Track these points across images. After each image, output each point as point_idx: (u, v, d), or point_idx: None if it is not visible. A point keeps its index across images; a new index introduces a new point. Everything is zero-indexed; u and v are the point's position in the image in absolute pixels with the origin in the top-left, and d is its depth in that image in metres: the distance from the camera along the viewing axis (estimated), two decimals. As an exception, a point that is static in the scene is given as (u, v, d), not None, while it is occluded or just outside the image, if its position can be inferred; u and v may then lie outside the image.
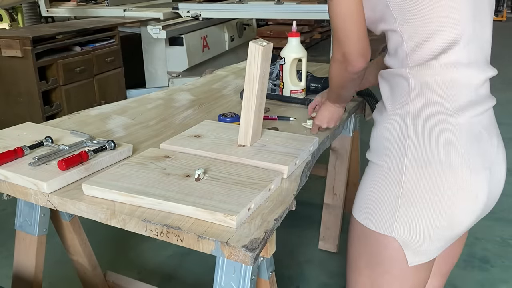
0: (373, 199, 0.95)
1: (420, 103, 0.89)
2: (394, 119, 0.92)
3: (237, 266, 0.92)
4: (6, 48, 2.91)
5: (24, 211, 1.33)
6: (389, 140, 0.93)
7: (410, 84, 0.90)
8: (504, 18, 10.78)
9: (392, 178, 0.91)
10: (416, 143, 0.89)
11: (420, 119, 0.89)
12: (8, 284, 1.49)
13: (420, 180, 0.89)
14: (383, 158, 0.94)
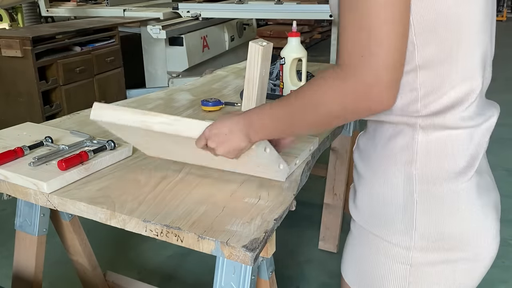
0: (375, 274, 0.82)
1: (430, 164, 0.74)
2: (396, 184, 0.77)
3: (237, 266, 0.92)
4: (6, 48, 2.91)
5: (24, 211, 1.33)
6: (391, 209, 0.78)
7: (416, 138, 0.74)
8: (504, 18, 10.78)
9: (398, 254, 0.78)
10: (427, 214, 0.76)
11: (430, 184, 0.75)
12: (8, 284, 1.49)
13: (432, 255, 0.77)
14: (383, 229, 0.79)
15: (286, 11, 3.89)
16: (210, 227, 0.87)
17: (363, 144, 0.86)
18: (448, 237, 0.77)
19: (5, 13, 4.87)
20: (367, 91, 0.65)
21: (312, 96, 0.71)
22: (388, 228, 0.79)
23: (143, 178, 1.06)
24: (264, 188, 1.02)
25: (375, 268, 0.82)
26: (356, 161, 0.87)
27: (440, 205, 0.76)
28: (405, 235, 0.77)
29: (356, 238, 0.86)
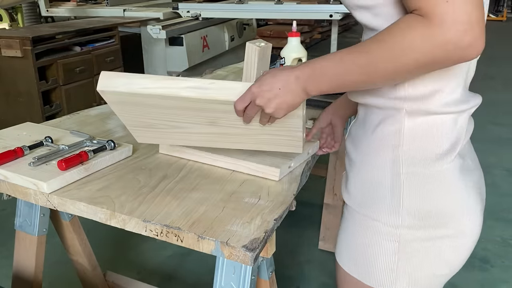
0: (366, 253, 0.86)
1: (415, 147, 0.78)
2: (383, 166, 0.81)
3: (237, 266, 0.92)
4: (6, 48, 2.91)
5: (24, 211, 1.33)
6: (379, 190, 0.82)
7: (403, 122, 0.78)
8: (504, 18, 10.78)
9: (387, 233, 0.83)
10: (413, 195, 0.80)
11: (416, 166, 0.79)
12: (8, 284, 1.49)
13: (419, 232, 0.82)
14: (373, 210, 0.83)
15: (286, 11, 3.89)
16: (210, 227, 0.87)
17: (354, 131, 0.89)
18: (433, 214, 0.81)
19: (5, 13, 4.87)
20: (460, 39, 0.61)
21: (397, 43, 0.65)
22: (377, 208, 0.83)
23: (143, 178, 1.06)
24: (264, 188, 1.02)
25: (366, 247, 0.86)
26: (348, 148, 0.90)
27: (425, 185, 0.80)
28: (393, 213, 0.81)
29: (348, 221, 0.90)
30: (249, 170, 1.07)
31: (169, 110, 0.92)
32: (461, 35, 0.61)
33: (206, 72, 2.22)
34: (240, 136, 0.99)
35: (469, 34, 0.61)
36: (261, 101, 0.80)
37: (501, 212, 2.52)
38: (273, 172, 1.06)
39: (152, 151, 1.21)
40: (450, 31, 0.61)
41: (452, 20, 0.61)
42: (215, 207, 0.94)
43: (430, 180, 0.80)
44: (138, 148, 1.23)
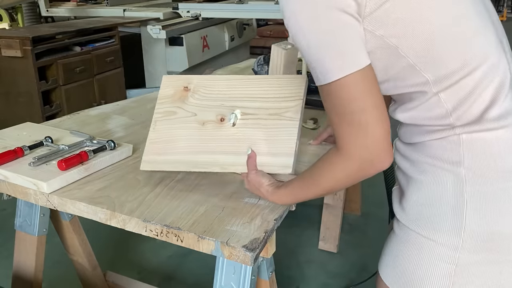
0: (418, 274, 0.82)
1: (478, 164, 0.75)
2: (445, 184, 0.77)
3: (237, 266, 0.92)
4: (6, 48, 2.91)
5: (24, 211, 1.33)
6: (440, 209, 0.78)
7: (460, 139, 0.75)
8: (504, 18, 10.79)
9: (444, 254, 0.78)
10: (477, 214, 0.75)
11: (479, 185, 0.75)
12: (8, 284, 1.49)
13: (479, 256, 0.77)
14: (430, 230, 0.79)
15: (286, 11, 3.88)
16: (210, 227, 0.87)
17: (403, 147, 0.85)
18: (498, 237, 0.76)
19: (5, 13, 4.87)
20: (370, 166, 0.75)
21: (324, 179, 0.82)
22: (436, 228, 0.79)
23: (143, 178, 1.06)
24: (264, 188, 1.02)
25: (418, 267, 0.82)
26: (401, 163, 0.86)
27: (490, 205, 0.75)
28: (453, 235, 0.77)
29: (400, 238, 0.85)
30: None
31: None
32: (371, 165, 0.75)
33: (206, 72, 2.22)
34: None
35: (377, 161, 0.74)
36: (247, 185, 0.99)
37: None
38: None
39: (152, 151, 1.21)
40: (362, 163, 0.75)
41: (362, 156, 0.74)
42: (215, 207, 0.94)
43: (496, 199, 0.75)
44: (138, 148, 1.23)
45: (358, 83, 0.70)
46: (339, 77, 0.70)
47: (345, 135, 0.74)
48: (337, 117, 0.74)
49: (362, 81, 0.70)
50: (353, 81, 0.70)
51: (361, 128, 0.72)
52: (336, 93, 0.71)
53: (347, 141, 0.74)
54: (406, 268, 0.84)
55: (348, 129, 0.73)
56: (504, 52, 0.79)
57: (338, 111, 0.73)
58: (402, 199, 0.85)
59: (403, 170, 0.85)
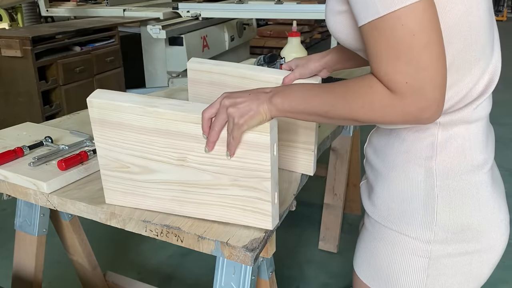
0: (392, 269, 0.83)
1: (450, 159, 0.76)
2: (416, 179, 0.78)
3: (237, 266, 0.92)
4: (5, 48, 2.91)
5: (24, 211, 1.33)
6: (411, 204, 0.79)
7: (436, 134, 0.76)
8: (504, 18, 10.78)
9: (417, 248, 0.80)
10: (447, 208, 0.77)
11: (450, 179, 0.77)
12: (8, 284, 1.49)
13: (450, 247, 0.79)
14: (402, 224, 0.80)
15: (286, 11, 3.89)
16: (210, 227, 0.87)
17: (377, 140, 0.86)
18: (466, 228, 0.78)
19: (5, 13, 4.87)
20: (418, 114, 0.64)
21: (358, 99, 0.68)
22: (407, 222, 0.80)
23: (143, 178, 1.06)
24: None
25: (392, 262, 0.83)
26: (371, 158, 0.87)
27: (460, 198, 0.77)
28: (425, 228, 0.78)
29: (372, 234, 0.87)
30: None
31: (142, 136, 0.87)
32: (420, 112, 0.64)
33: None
34: (208, 191, 0.87)
35: (426, 112, 0.64)
36: (229, 102, 0.76)
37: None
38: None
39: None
40: (410, 107, 0.64)
41: (412, 100, 0.63)
42: (215, 207, 0.94)
43: (465, 192, 0.77)
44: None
45: (427, 12, 0.61)
46: (409, 3, 0.60)
47: (398, 75, 0.62)
48: (392, 53, 0.62)
49: (430, 11, 0.62)
50: (422, 9, 0.61)
51: (421, 67, 0.62)
52: (397, 25, 0.61)
53: (400, 81, 0.62)
54: (381, 264, 0.85)
55: (405, 68, 0.62)
56: (498, 50, 0.80)
57: (395, 46, 0.62)
58: (371, 195, 0.86)
59: (373, 165, 0.86)
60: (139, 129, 0.86)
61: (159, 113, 0.84)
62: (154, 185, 0.91)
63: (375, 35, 0.64)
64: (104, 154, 0.91)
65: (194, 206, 0.89)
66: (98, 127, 0.89)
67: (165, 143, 0.85)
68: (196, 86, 1.16)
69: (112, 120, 0.87)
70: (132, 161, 0.90)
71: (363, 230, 0.91)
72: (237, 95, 0.76)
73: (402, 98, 0.64)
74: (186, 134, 0.84)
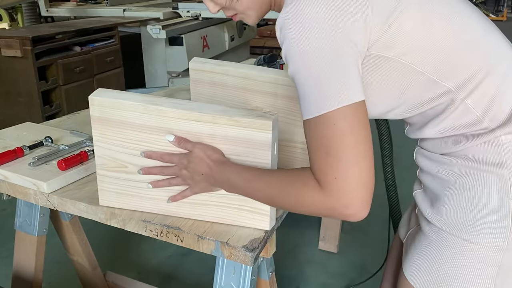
0: (457, 278, 0.81)
1: None
2: (488, 185, 0.76)
3: (237, 266, 0.92)
4: (5, 48, 2.91)
5: (24, 211, 1.33)
6: (484, 211, 0.77)
7: (500, 139, 0.75)
8: (504, 18, 10.79)
9: (487, 257, 0.78)
10: None
11: None
12: (8, 284, 1.49)
13: None
14: (473, 233, 0.78)
15: (286, 11, 3.88)
16: (210, 227, 0.87)
17: (431, 146, 0.84)
18: None
19: (5, 13, 4.87)
20: (342, 211, 0.69)
21: (292, 194, 0.74)
22: (479, 230, 0.78)
23: (143, 178, 1.06)
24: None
25: (458, 271, 0.80)
26: (430, 167, 0.85)
27: None
28: (499, 236, 0.76)
29: (435, 242, 0.84)
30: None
31: (143, 135, 0.87)
32: (344, 209, 0.68)
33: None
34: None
35: (350, 208, 0.68)
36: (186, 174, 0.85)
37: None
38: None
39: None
40: (335, 203, 0.68)
41: (338, 196, 0.68)
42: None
43: None
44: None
45: (355, 114, 0.67)
46: (339, 106, 0.66)
47: (329, 170, 0.67)
48: (324, 149, 0.68)
49: (359, 113, 0.68)
50: (351, 111, 0.67)
51: (349, 164, 0.67)
52: (329, 124, 0.67)
53: (330, 176, 0.68)
54: (444, 273, 0.82)
55: (335, 164, 0.67)
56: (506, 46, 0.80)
57: (326, 143, 0.67)
58: (436, 203, 0.84)
59: (435, 174, 0.84)
60: (140, 127, 0.86)
61: (161, 111, 0.84)
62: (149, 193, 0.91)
63: (311, 131, 0.70)
64: (102, 153, 0.91)
65: (190, 207, 0.89)
66: (98, 126, 0.89)
67: (166, 141, 0.86)
68: (198, 86, 1.16)
69: (113, 118, 0.87)
70: (130, 160, 0.90)
71: (421, 238, 0.87)
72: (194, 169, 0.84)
73: (329, 194, 0.68)
74: (188, 132, 0.84)
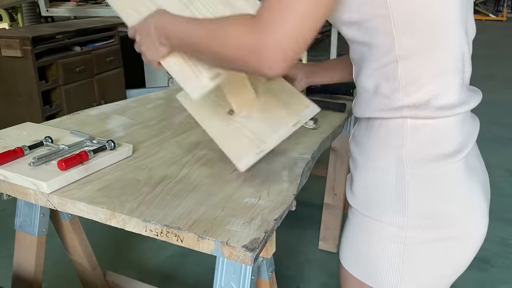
0: (370, 255, 0.86)
1: (418, 148, 0.79)
2: (388, 168, 0.81)
3: (237, 266, 0.92)
4: (6, 48, 2.91)
5: (24, 211, 1.33)
6: (384, 192, 0.82)
7: (405, 124, 0.79)
8: (504, 18, 10.79)
9: (392, 234, 0.83)
10: (418, 195, 0.80)
11: (420, 167, 0.79)
12: (8, 284, 1.49)
13: (424, 233, 0.81)
14: (377, 212, 0.83)
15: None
16: (210, 227, 0.87)
17: (357, 132, 0.89)
18: (438, 215, 0.81)
19: (5, 13, 4.87)
20: (263, 52, 0.65)
21: (220, 30, 0.71)
22: (382, 209, 0.82)
23: (143, 178, 1.06)
24: (264, 188, 1.02)
25: (370, 249, 0.86)
26: (352, 150, 0.90)
27: (429, 186, 0.80)
28: (398, 214, 0.81)
29: (352, 223, 0.90)
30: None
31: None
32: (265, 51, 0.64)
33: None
34: None
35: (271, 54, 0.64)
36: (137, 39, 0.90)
37: (501, 212, 2.51)
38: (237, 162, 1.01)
39: (152, 151, 1.21)
40: (261, 40, 0.64)
41: (266, 35, 0.64)
42: (215, 207, 0.94)
43: (435, 180, 0.80)
44: (138, 148, 1.23)
45: None
46: None
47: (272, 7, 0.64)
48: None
49: None
50: None
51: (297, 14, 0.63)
52: None
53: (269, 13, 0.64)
54: (360, 251, 0.88)
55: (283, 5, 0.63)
56: (468, 48, 0.81)
57: None
58: (352, 185, 0.89)
59: (353, 156, 0.89)
60: None
61: None
62: None
63: None
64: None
65: None
66: None
67: None
68: None
69: None
70: None
71: (346, 220, 0.94)
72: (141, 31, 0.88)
73: (259, 30, 0.64)
74: None
